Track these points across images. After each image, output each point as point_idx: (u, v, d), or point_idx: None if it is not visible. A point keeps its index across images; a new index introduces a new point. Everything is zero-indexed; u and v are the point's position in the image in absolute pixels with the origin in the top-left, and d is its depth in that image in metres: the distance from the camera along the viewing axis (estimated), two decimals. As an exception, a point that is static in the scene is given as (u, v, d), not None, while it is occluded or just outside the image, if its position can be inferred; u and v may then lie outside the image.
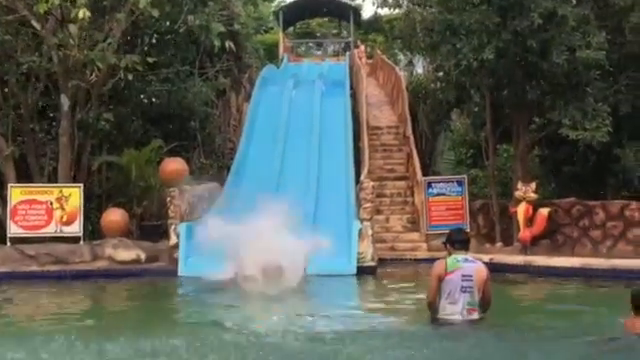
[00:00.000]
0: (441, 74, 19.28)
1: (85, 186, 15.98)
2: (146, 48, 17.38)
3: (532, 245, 15.56)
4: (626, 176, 16.81)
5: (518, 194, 15.93)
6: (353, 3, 35.62)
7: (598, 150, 16.44)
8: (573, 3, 15.96)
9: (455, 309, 6.77)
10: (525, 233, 15.60)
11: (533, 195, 15.81)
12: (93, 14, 14.50)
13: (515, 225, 16.15)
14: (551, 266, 13.22)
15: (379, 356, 6.16)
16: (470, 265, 6.84)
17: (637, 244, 15.00)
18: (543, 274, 12.89)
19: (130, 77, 16.15)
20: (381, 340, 6.98)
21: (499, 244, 16.35)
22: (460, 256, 6.90)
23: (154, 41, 17.72)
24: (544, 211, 15.76)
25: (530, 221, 15.70)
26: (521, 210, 15.77)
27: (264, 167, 18.58)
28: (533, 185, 15.89)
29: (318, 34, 43.11)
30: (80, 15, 13.91)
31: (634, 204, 15.40)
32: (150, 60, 17.02)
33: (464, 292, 6.75)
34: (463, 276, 6.76)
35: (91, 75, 16.28)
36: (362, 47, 31.92)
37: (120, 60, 15.78)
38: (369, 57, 31.29)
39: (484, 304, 6.88)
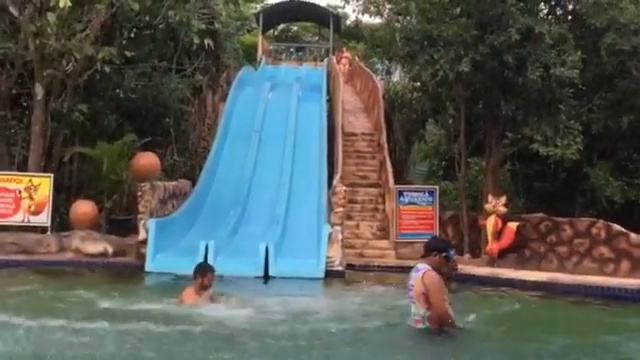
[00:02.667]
0: (418, 84, 19.41)
1: (55, 177, 15.85)
2: (124, 42, 17.28)
3: (499, 258, 15.68)
4: (594, 194, 17.05)
5: (488, 207, 16.06)
6: (334, 10, 35.66)
7: (568, 168, 16.69)
8: (551, 21, 16.21)
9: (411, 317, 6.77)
10: (493, 246, 15.73)
11: (503, 209, 15.94)
12: (72, 4, 14.38)
13: (484, 238, 16.28)
14: (517, 279, 13.34)
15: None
16: (414, 275, 6.69)
17: (602, 262, 15.19)
18: (509, 286, 12.99)
19: (107, 70, 16.07)
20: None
21: (467, 256, 16.46)
22: (416, 265, 6.82)
23: (133, 35, 17.63)
24: (513, 225, 15.89)
25: (499, 234, 15.82)
26: (490, 223, 15.89)
27: (237, 167, 18.57)
28: (503, 199, 16.02)
29: (304, 38, 43.19)
30: (61, 4, 13.80)
31: (601, 222, 15.59)
32: (128, 54, 16.93)
33: (411, 301, 6.71)
34: (410, 285, 6.70)
35: (67, 65, 16.15)
36: (347, 53, 31.57)
37: (97, 52, 15.69)
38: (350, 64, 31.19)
39: (436, 319, 6.54)
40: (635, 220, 17.68)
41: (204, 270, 8.82)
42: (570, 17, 16.86)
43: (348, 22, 37.53)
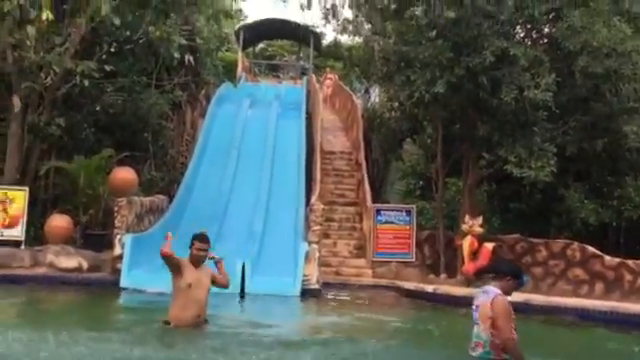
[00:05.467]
0: (396, 104, 19.53)
1: (31, 190, 15.71)
2: (104, 56, 17.19)
3: (475, 278, 15.74)
4: (569, 216, 17.21)
5: (464, 227, 16.16)
6: (314, 28, 35.80)
7: (543, 189, 16.82)
8: (527, 44, 16.40)
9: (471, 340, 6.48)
10: (469, 266, 15.81)
11: (479, 229, 16.04)
12: (53, 17, 14.33)
13: (460, 258, 16.35)
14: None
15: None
16: (481, 297, 6.46)
17: (576, 284, 15.34)
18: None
19: (86, 83, 16.00)
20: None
21: (443, 275, 16.53)
22: (484, 286, 6.58)
23: (113, 49, 17.54)
24: (489, 246, 15.98)
25: (475, 254, 15.92)
26: (466, 243, 15.99)
27: (215, 183, 18.55)
28: (479, 219, 16.13)
29: (279, 58, 43.28)
30: (44, 17, 13.74)
31: (576, 244, 15.77)
32: (107, 68, 16.89)
33: (475, 323, 6.45)
34: (475, 307, 6.47)
35: (46, 78, 16.04)
36: (331, 75, 31.04)
37: (77, 65, 15.63)
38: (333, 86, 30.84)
39: (502, 345, 6.23)
40: (609, 242, 17.91)
41: (192, 239, 7.86)
42: (546, 40, 17.08)
43: (325, 41, 37.68)
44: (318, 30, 36.11)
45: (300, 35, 36.17)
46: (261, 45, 42.43)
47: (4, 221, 15.11)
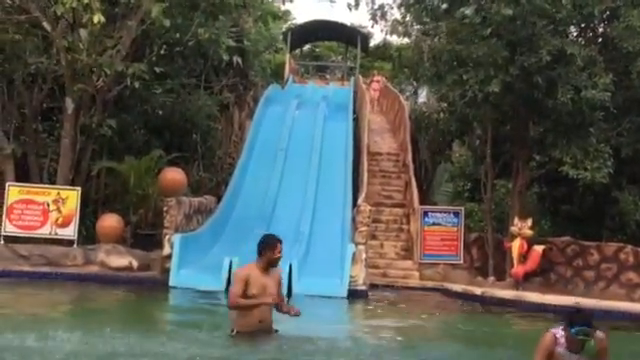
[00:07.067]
0: (445, 105, 19.35)
1: (83, 190, 15.97)
2: (154, 58, 17.41)
3: (524, 281, 15.53)
4: (623, 219, 16.83)
5: (514, 229, 15.94)
6: (362, 29, 35.79)
7: (596, 191, 16.47)
8: (581, 44, 16.08)
9: None
10: (518, 269, 15.60)
11: (529, 231, 15.81)
12: (104, 20, 14.57)
13: (509, 260, 16.13)
14: (542, 303, 13.18)
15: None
16: None
17: (630, 287, 15.01)
18: (533, 310, 12.84)
19: (136, 85, 16.23)
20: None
21: (491, 278, 16.32)
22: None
23: (162, 52, 17.76)
24: (539, 248, 15.76)
25: (524, 257, 15.69)
26: (516, 246, 15.77)
27: (262, 184, 18.62)
28: (529, 221, 15.88)
29: (326, 59, 43.38)
30: (95, 20, 13.98)
31: (629, 247, 15.43)
32: (157, 70, 17.11)
33: None
34: None
35: (97, 80, 16.31)
36: (379, 77, 30.55)
37: (128, 68, 15.86)
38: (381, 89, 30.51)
39: None
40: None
41: (269, 242, 7.36)
42: (600, 40, 16.74)
43: (374, 41, 37.61)
44: (365, 31, 36.12)
45: (347, 36, 36.21)
46: (308, 46, 42.60)
47: (57, 220, 15.38)
